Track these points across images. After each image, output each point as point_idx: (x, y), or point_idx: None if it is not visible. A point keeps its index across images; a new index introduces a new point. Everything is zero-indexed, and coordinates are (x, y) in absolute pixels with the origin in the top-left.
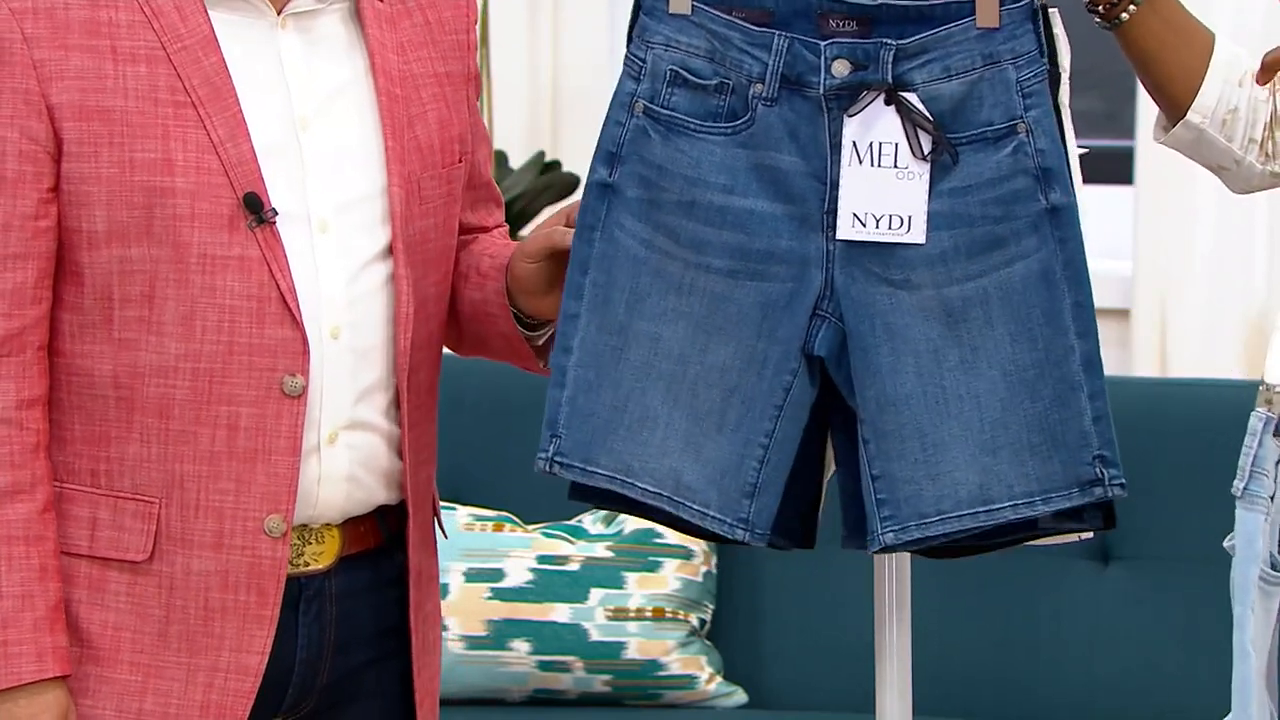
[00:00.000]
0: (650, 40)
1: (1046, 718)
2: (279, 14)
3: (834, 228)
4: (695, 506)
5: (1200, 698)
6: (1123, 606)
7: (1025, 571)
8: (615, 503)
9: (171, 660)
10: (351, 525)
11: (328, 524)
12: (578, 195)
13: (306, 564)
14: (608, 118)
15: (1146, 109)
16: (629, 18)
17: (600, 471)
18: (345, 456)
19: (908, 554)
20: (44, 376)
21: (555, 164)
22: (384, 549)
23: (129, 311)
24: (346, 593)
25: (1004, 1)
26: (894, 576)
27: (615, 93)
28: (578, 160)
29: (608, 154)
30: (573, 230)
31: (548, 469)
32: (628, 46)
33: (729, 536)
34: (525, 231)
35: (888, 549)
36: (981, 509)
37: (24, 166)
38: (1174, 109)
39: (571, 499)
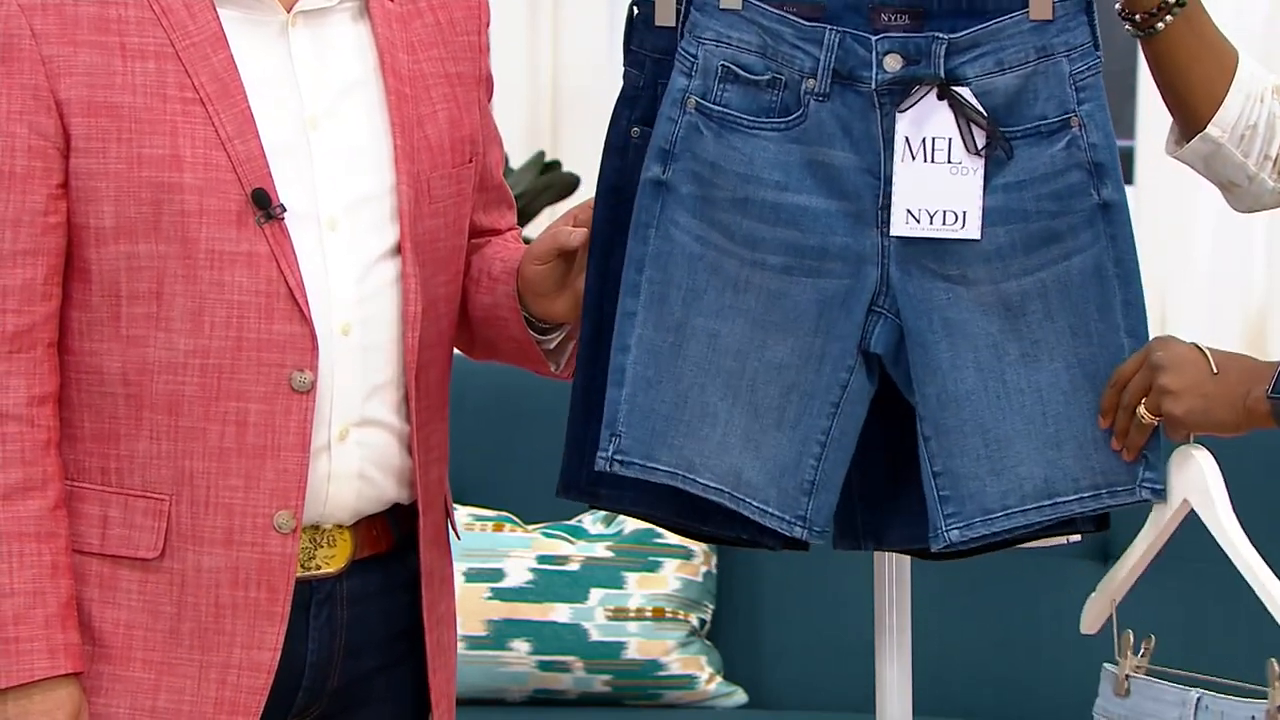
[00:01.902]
0: (701, 36)
1: (1046, 718)
2: (289, 12)
3: (888, 224)
4: (755, 503)
5: None
6: (1123, 606)
7: (1025, 571)
8: (609, 503)
9: (184, 657)
10: (364, 527)
11: (339, 525)
12: (580, 195)
13: (318, 567)
14: (660, 114)
15: (1146, 109)
16: (625, 22)
17: (661, 467)
18: (356, 454)
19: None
20: (54, 373)
21: (555, 164)
22: (396, 552)
23: (137, 308)
24: (358, 596)
25: None
26: (894, 576)
27: (668, 89)
28: (578, 160)
29: (661, 151)
30: (579, 230)
31: (609, 468)
32: (626, 55)
33: (787, 534)
34: (527, 231)
35: (952, 546)
36: (1046, 502)
37: (33, 162)
38: (1193, 122)
39: (558, 495)
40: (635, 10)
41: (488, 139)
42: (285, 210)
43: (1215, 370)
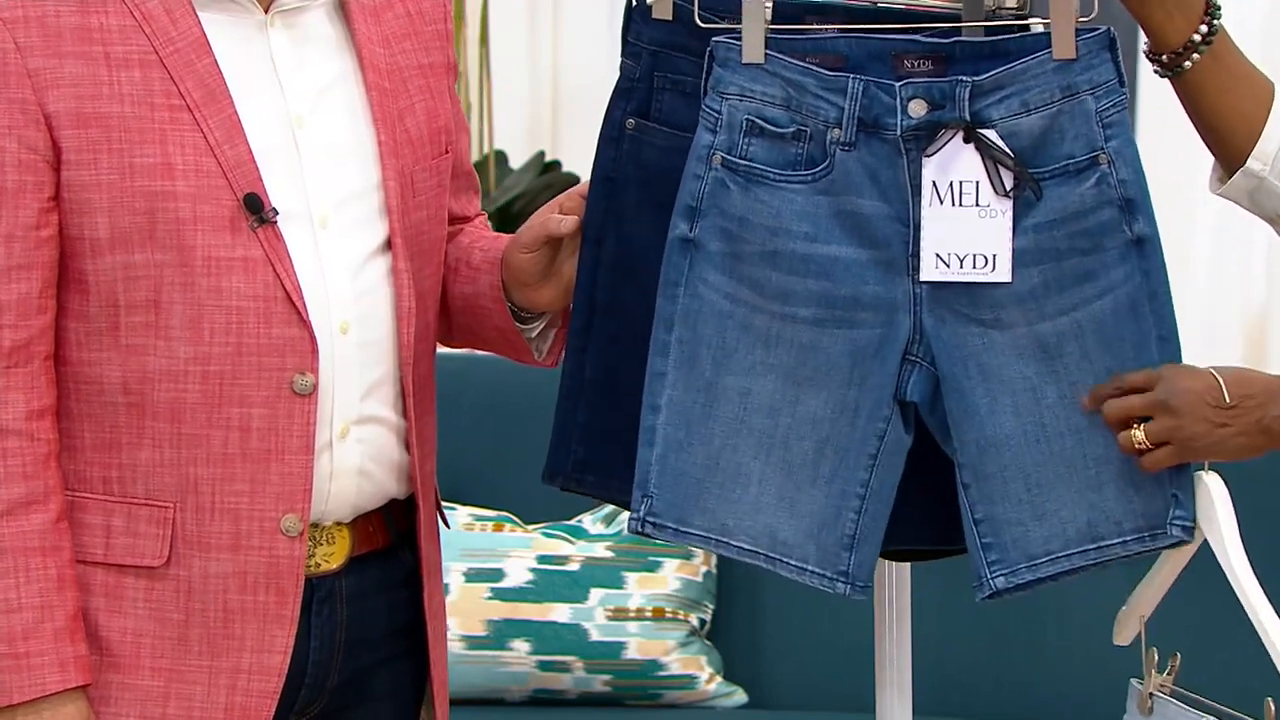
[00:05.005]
0: (725, 91)
1: (1046, 718)
2: (266, 12)
3: (919, 270)
4: (793, 563)
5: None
6: (1123, 606)
7: None
8: (594, 490)
9: (193, 664)
10: (361, 524)
11: (338, 522)
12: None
13: (318, 565)
14: (686, 171)
15: (1147, 109)
16: (622, 19)
17: (695, 532)
18: (356, 451)
19: None
20: (52, 386)
21: (555, 164)
22: (392, 549)
23: (135, 317)
24: (357, 594)
25: (1080, 32)
26: (894, 577)
27: (693, 146)
28: (578, 160)
29: (687, 208)
30: (569, 218)
31: (641, 530)
32: (623, 46)
33: (829, 591)
34: None
35: (998, 594)
36: (1091, 546)
37: (24, 176)
38: (1233, 158)
39: (544, 481)
40: (633, 1)
41: (457, 126)
42: (278, 214)
43: (1229, 401)
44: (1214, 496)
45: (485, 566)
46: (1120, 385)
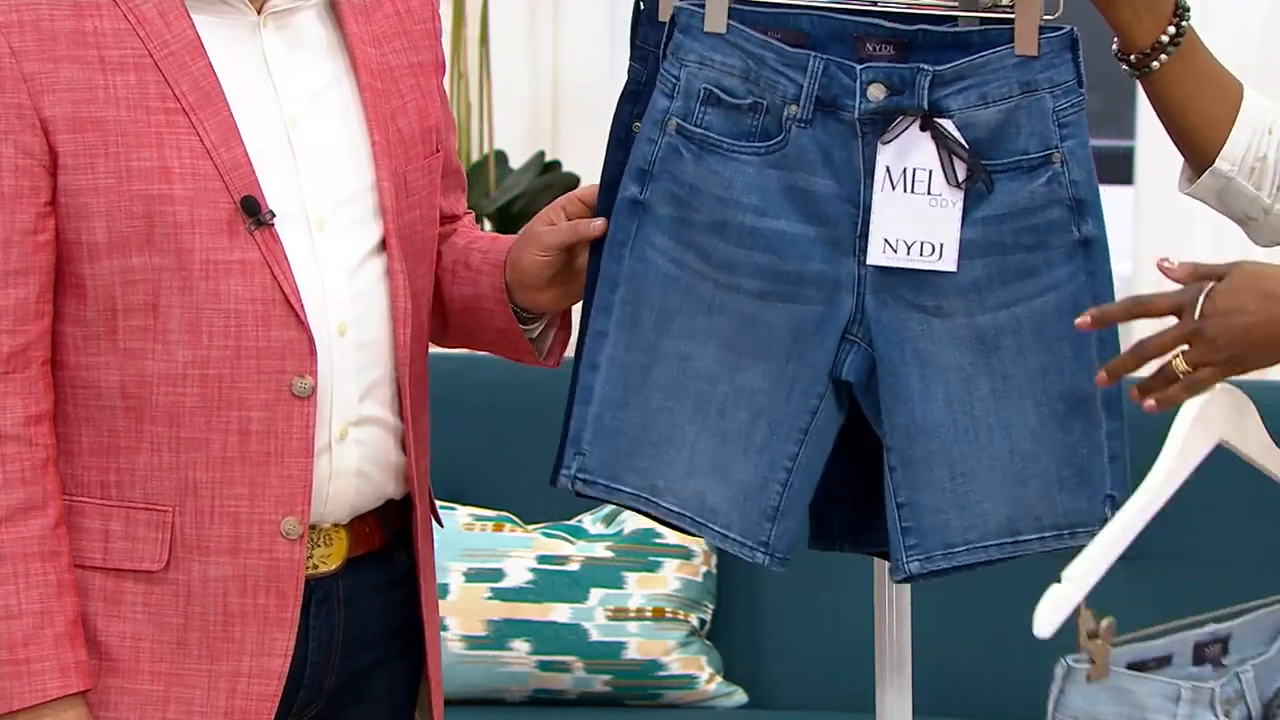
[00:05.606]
0: (684, 58)
1: (1046, 718)
2: (259, 13)
3: (865, 252)
4: (717, 529)
5: None
6: (1123, 606)
7: (1025, 571)
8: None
9: (193, 668)
10: (358, 525)
11: (335, 524)
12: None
13: (315, 566)
14: (640, 134)
15: (1146, 109)
16: (630, 20)
17: (625, 490)
18: (355, 452)
19: None
20: (49, 391)
21: (555, 164)
22: (388, 549)
23: (134, 321)
24: (354, 595)
25: (1043, 30)
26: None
27: (648, 110)
28: (578, 160)
29: (639, 171)
30: (597, 221)
31: (571, 486)
32: (631, 50)
33: (748, 559)
34: None
35: (912, 577)
36: (1008, 539)
37: (20, 182)
38: (1201, 158)
39: (552, 484)
40: (641, 5)
41: (447, 124)
42: (274, 216)
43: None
44: (1184, 411)
45: (485, 566)
46: (1134, 310)
